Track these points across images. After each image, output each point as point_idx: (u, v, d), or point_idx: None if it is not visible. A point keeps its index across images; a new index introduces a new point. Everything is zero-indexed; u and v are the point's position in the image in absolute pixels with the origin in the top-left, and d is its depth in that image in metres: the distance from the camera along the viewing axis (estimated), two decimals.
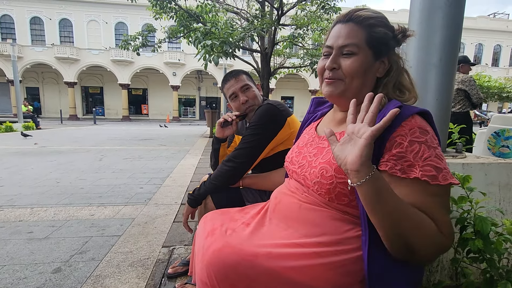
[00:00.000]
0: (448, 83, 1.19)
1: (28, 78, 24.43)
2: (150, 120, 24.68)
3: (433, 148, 0.61)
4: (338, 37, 0.72)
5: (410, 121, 0.63)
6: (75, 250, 1.73)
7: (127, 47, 8.33)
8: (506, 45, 28.88)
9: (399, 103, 0.66)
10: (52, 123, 16.09)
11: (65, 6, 23.36)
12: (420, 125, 0.62)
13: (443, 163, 0.61)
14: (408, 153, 0.61)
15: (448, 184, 0.60)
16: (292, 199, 0.76)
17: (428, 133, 0.62)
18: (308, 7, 8.39)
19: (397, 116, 0.60)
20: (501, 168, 1.08)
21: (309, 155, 0.78)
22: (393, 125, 0.62)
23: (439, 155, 0.61)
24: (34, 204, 2.54)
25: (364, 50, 0.70)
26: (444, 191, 0.61)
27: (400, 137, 0.62)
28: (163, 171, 4.06)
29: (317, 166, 0.71)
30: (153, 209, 2.47)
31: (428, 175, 0.59)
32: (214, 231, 0.76)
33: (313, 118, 0.94)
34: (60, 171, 3.88)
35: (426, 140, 0.61)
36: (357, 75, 0.71)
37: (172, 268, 1.49)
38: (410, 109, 0.65)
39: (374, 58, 0.72)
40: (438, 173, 0.60)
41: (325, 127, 0.75)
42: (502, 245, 0.71)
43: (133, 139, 8.46)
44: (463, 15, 1.19)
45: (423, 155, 0.60)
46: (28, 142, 7.00)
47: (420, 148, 0.60)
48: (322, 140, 0.78)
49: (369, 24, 0.71)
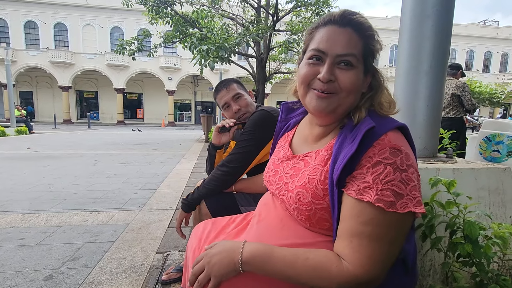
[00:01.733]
0: (438, 89, 1.21)
1: (21, 82, 24.18)
2: (146, 125, 24.54)
3: (400, 171, 0.55)
4: (336, 43, 0.63)
5: (383, 140, 0.58)
6: (67, 256, 1.70)
7: (123, 51, 8.33)
8: (497, 52, 29.51)
9: (372, 124, 0.60)
10: (46, 128, 15.92)
11: (60, 10, 23.28)
12: (394, 144, 0.57)
13: (407, 189, 0.55)
14: (369, 175, 0.57)
15: (407, 213, 0.54)
16: (275, 216, 0.74)
17: (400, 154, 0.56)
18: (303, 14, 8.51)
19: (370, 136, 0.58)
20: (490, 173, 1.10)
21: (285, 175, 0.73)
22: (365, 145, 0.58)
23: (405, 179, 0.55)
24: (25, 210, 2.50)
25: (360, 63, 0.64)
26: (401, 220, 0.55)
27: (367, 159, 0.58)
28: (158, 176, 4.04)
29: (293, 190, 0.67)
30: (148, 214, 2.45)
31: (384, 201, 0.54)
32: (202, 249, 0.75)
33: (286, 127, 0.87)
34: (53, 176, 3.83)
35: (394, 161, 0.56)
36: (354, 91, 0.64)
37: (166, 275, 1.48)
38: (385, 126, 0.60)
39: (364, 72, 0.66)
40: (398, 199, 0.54)
41: (301, 144, 0.76)
42: (491, 249, 0.72)
43: (127, 144, 8.40)
44: (452, 23, 1.22)
45: (385, 178, 0.55)
46: (21, 147, 6.91)
47: (384, 170, 0.55)
48: (299, 160, 0.72)
49: (369, 35, 0.65)
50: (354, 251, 0.56)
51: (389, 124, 0.61)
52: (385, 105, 0.66)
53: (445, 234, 0.85)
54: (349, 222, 0.57)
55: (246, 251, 0.62)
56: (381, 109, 0.65)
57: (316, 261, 0.58)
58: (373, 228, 0.55)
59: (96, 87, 26.26)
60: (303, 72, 0.67)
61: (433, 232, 0.86)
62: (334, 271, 0.57)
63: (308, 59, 0.66)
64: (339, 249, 0.59)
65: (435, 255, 1.02)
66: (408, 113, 1.24)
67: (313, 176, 0.65)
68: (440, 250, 0.87)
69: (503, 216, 1.10)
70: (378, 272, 0.56)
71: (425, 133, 1.22)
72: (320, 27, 0.66)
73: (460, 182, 0.98)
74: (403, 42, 1.26)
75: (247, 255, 0.62)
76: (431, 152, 1.22)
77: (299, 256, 0.60)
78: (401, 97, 1.26)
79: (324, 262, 0.58)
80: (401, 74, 1.26)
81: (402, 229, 0.57)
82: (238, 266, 0.62)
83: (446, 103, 3.42)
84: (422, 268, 1.02)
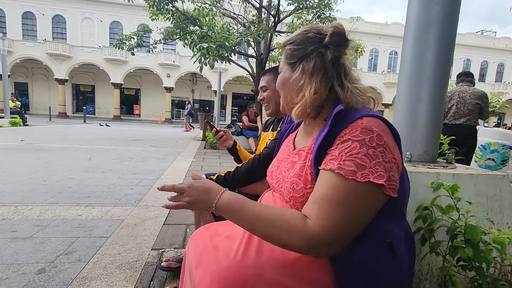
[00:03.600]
0: (440, 95, 1.22)
1: (17, 73, 23.86)
2: (142, 121, 24.39)
3: (367, 147, 0.59)
4: None
5: (357, 122, 0.63)
6: (60, 250, 1.68)
7: (122, 46, 8.26)
8: (493, 62, 29.93)
9: (341, 107, 0.67)
10: (40, 120, 15.72)
11: (59, 2, 23.01)
12: (366, 125, 0.62)
13: (371, 163, 0.59)
14: (337, 150, 0.62)
15: (366, 182, 0.58)
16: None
17: (371, 133, 0.61)
18: (304, 16, 8.53)
19: (344, 120, 0.65)
20: (489, 180, 1.11)
21: (284, 169, 0.79)
22: (339, 127, 0.64)
23: (371, 154, 0.59)
24: (18, 202, 2.46)
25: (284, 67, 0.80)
26: (361, 190, 0.59)
27: (339, 138, 0.64)
28: (154, 172, 4.01)
29: (288, 181, 0.73)
30: (143, 210, 2.43)
31: (345, 169, 0.59)
32: (201, 259, 0.75)
33: (290, 128, 0.96)
34: (47, 169, 3.78)
35: (363, 139, 0.60)
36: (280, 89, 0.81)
37: (166, 262, 1.48)
38: (360, 113, 0.66)
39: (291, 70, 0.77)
40: (359, 170, 0.58)
41: (299, 142, 0.84)
42: (491, 253, 0.73)
43: (123, 139, 8.34)
44: (456, 30, 1.24)
45: (351, 151, 0.60)
46: (15, 138, 6.81)
47: (351, 145, 0.61)
48: (295, 154, 0.78)
49: (287, 44, 0.79)
50: (318, 212, 0.60)
51: (365, 112, 0.66)
52: (359, 93, 0.71)
53: (444, 238, 0.85)
54: (317, 189, 0.63)
55: (222, 198, 0.69)
56: (355, 98, 0.71)
57: (283, 216, 0.63)
58: (334, 192, 0.60)
59: (93, 81, 26.01)
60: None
61: (432, 236, 0.86)
62: (298, 226, 0.61)
63: None
64: (306, 210, 0.63)
65: (432, 259, 1.02)
66: (410, 118, 1.24)
67: (303, 164, 0.72)
68: (439, 254, 0.87)
69: (500, 222, 1.12)
70: (337, 233, 0.59)
71: (426, 138, 1.23)
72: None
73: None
74: (407, 47, 1.26)
75: (221, 202, 0.68)
76: (431, 157, 1.23)
77: (265, 211, 0.65)
78: (403, 102, 1.27)
79: (290, 218, 0.62)
80: (404, 80, 1.27)
81: (364, 199, 0.60)
82: (212, 208, 0.69)
83: (468, 111, 3.35)
84: (420, 271, 1.02)
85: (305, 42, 0.74)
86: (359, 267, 0.63)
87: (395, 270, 0.65)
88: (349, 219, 0.60)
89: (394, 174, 0.61)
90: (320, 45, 0.73)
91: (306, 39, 0.75)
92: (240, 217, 0.66)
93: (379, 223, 0.64)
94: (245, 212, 0.66)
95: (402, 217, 0.72)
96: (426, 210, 0.90)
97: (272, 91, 1.44)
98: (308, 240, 0.59)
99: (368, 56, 26.91)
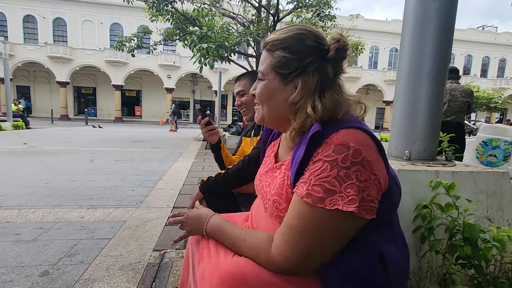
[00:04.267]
0: (439, 92, 1.22)
1: (19, 76, 24.00)
2: (143, 122, 24.46)
3: (338, 168, 0.54)
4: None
5: (331, 138, 0.58)
6: (63, 253, 1.69)
7: (122, 48, 8.29)
8: (494, 57, 29.74)
9: (317, 128, 0.60)
10: (43, 123, 15.80)
11: (59, 5, 23.11)
12: (341, 141, 0.56)
13: (341, 187, 0.54)
14: (308, 172, 0.58)
15: (335, 210, 0.54)
16: (265, 220, 0.76)
17: (346, 150, 0.55)
18: (304, 14, 8.51)
19: (319, 137, 0.59)
20: (489, 177, 1.11)
21: (266, 185, 0.76)
22: (314, 147, 0.59)
23: (342, 176, 0.54)
24: (21, 205, 2.48)
25: (270, 75, 0.69)
26: (330, 217, 0.55)
27: (312, 158, 0.59)
28: (155, 173, 4.02)
29: (270, 199, 0.70)
30: (145, 212, 2.44)
31: (313, 196, 0.55)
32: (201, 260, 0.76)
33: (272, 136, 0.90)
34: (50, 172, 3.80)
35: (335, 159, 0.55)
36: (265, 100, 0.71)
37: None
38: (338, 126, 0.60)
39: (282, 83, 0.68)
40: (328, 195, 0.54)
41: (283, 155, 0.79)
42: (490, 251, 0.73)
43: (125, 141, 8.37)
44: (453, 27, 1.23)
45: (320, 174, 0.56)
46: (18, 142, 6.85)
47: (322, 166, 0.56)
48: (276, 169, 0.75)
49: (272, 49, 0.68)
50: (283, 241, 0.60)
51: (345, 124, 0.60)
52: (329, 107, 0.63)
53: (444, 236, 0.85)
54: (287, 214, 0.62)
55: (208, 224, 0.79)
56: (332, 114, 0.63)
57: (251, 243, 0.67)
58: (301, 222, 0.57)
59: (94, 83, 26.11)
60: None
61: (432, 234, 0.86)
62: (262, 256, 0.63)
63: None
64: (276, 236, 0.63)
65: (432, 258, 1.02)
66: (409, 116, 1.24)
67: (282, 181, 0.68)
68: (439, 252, 0.87)
69: (500, 219, 1.11)
70: (300, 262, 0.59)
71: (425, 136, 1.23)
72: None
73: (459, 185, 0.98)
74: (405, 45, 1.26)
75: (209, 228, 0.78)
76: (430, 154, 1.23)
77: (240, 237, 0.70)
78: (402, 100, 1.27)
79: (256, 247, 0.65)
80: (402, 77, 1.27)
81: (333, 227, 0.56)
82: (203, 233, 0.79)
83: (459, 108, 3.40)
84: (420, 270, 1.02)
85: (303, 51, 0.65)
86: (350, 281, 0.61)
87: (386, 280, 0.62)
88: (315, 248, 0.58)
89: (371, 193, 0.56)
90: (320, 57, 0.65)
91: (304, 48, 0.65)
92: (222, 241, 0.74)
93: (364, 236, 0.60)
94: (225, 237, 0.74)
95: (392, 225, 0.68)
96: (426, 208, 0.90)
97: (251, 96, 1.44)
98: (273, 267, 0.62)
99: (368, 54, 26.82)
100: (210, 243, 0.77)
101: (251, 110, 1.39)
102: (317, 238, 0.57)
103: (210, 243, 0.78)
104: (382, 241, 0.63)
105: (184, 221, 0.84)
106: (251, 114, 1.40)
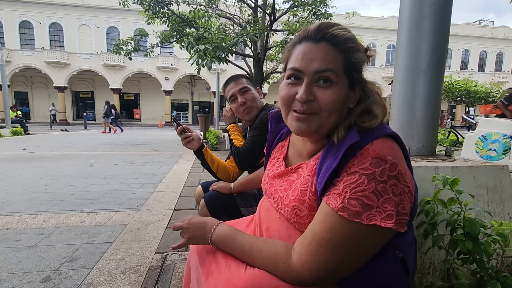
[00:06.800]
0: (436, 88, 1.22)
1: (16, 82, 23.95)
2: (143, 125, 24.43)
3: (376, 182, 0.52)
4: (311, 60, 0.59)
5: (367, 150, 0.55)
6: (65, 258, 1.69)
7: (119, 51, 8.28)
8: (492, 51, 29.78)
9: (356, 138, 0.57)
10: (41, 128, 15.78)
11: (55, 10, 23.10)
12: (378, 153, 0.54)
13: (379, 201, 0.52)
14: (342, 183, 0.55)
15: (372, 225, 0.52)
16: (279, 225, 0.73)
17: (383, 164, 0.53)
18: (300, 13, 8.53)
19: (354, 148, 0.56)
20: (489, 171, 1.11)
21: (279, 189, 0.72)
22: (348, 157, 0.56)
23: (380, 190, 0.52)
24: (22, 211, 2.48)
25: (342, 78, 0.60)
26: (366, 232, 0.53)
27: (346, 169, 0.56)
28: (155, 176, 4.02)
29: (289, 205, 0.66)
30: (146, 215, 2.44)
31: (349, 210, 0.52)
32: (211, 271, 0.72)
33: (279, 137, 0.85)
34: (50, 177, 3.80)
35: (373, 172, 0.52)
36: (336, 109, 0.60)
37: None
38: (372, 135, 0.58)
39: (349, 87, 0.62)
40: (365, 210, 0.52)
41: (296, 159, 0.75)
42: (491, 246, 0.72)
43: (124, 144, 8.36)
44: (449, 23, 1.23)
45: (357, 187, 0.53)
46: (17, 148, 6.84)
47: (358, 179, 0.53)
48: (292, 172, 0.72)
49: (348, 48, 0.60)
50: (309, 253, 0.56)
51: (377, 132, 0.58)
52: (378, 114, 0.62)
53: (446, 231, 0.85)
54: (315, 224, 0.58)
55: (215, 232, 0.73)
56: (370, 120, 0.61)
57: (268, 254, 0.62)
58: (333, 236, 0.54)
59: (92, 87, 26.08)
60: (282, 94, 0.64)
61: (435, 229, 0.86)
62: (281, 266, 0.60)
63: (286, 79, 0.64)
64: (299, 246, 0.59)
65: (435, 253, 1.02)
66: (407, 112, 1.24)
67: (304, 188, 0.64)
68: (442, 247, 0.87)
69: (501, 213, 1.11)
70: (324, 276, 0.56)
71: (424, 132, 1.23)
72: (296, 44, 0.63)
73: None
74: (401, 41, 1.26)
75: (215, 236, 0.72)
76: (429, 150, 1.23)
77: (255, 247, 0.65)
78: (399, 96, 1.27)
79: (274, 258, 0.61)
80: (399, 74, 1.27)
81: (366, 242, 0.54)
82: (207, 241, 0.73)
83: None
84: (422, 266, 1.02)
85: (361, 49, 0.63)
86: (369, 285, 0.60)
87: (408, 282, 0.63)
88: (343, 263, 0.55)
89: (405, 206, 0.54)
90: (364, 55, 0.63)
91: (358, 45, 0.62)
92: (232, 252, 0.69)
93: (389, 243, 0.59)
94: (236, 246, 0.68)
95: (411, 227, 0.68)
96: (428, 204, 0.90)
97: (255, 93, 1.44)
98: (292, 278, 0.58)
99: None
100: (217, 255, 0.73)
101: (255, 108, 1.41)
102: (347, 253, 0.55)
103: (217, 255, 0.73)
104: (404, 245, 0.63)
105: (186, 227, 0.76)
106: (254, 113, 1.42)
